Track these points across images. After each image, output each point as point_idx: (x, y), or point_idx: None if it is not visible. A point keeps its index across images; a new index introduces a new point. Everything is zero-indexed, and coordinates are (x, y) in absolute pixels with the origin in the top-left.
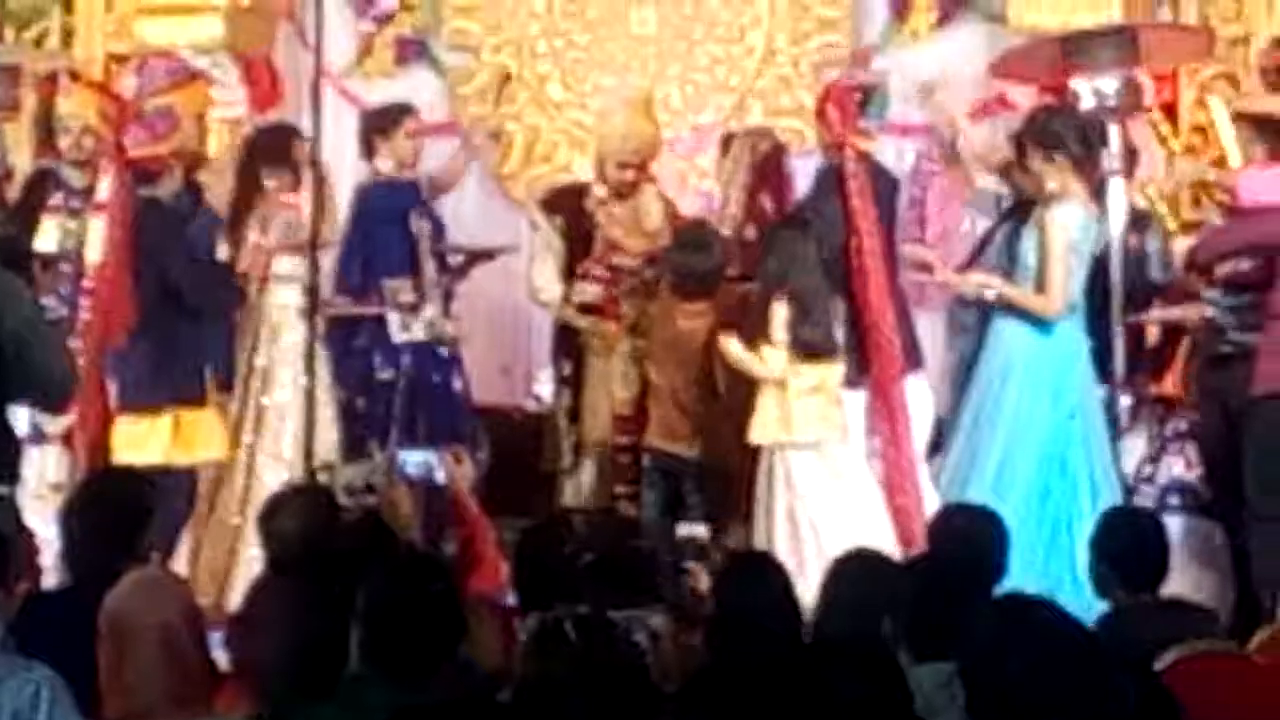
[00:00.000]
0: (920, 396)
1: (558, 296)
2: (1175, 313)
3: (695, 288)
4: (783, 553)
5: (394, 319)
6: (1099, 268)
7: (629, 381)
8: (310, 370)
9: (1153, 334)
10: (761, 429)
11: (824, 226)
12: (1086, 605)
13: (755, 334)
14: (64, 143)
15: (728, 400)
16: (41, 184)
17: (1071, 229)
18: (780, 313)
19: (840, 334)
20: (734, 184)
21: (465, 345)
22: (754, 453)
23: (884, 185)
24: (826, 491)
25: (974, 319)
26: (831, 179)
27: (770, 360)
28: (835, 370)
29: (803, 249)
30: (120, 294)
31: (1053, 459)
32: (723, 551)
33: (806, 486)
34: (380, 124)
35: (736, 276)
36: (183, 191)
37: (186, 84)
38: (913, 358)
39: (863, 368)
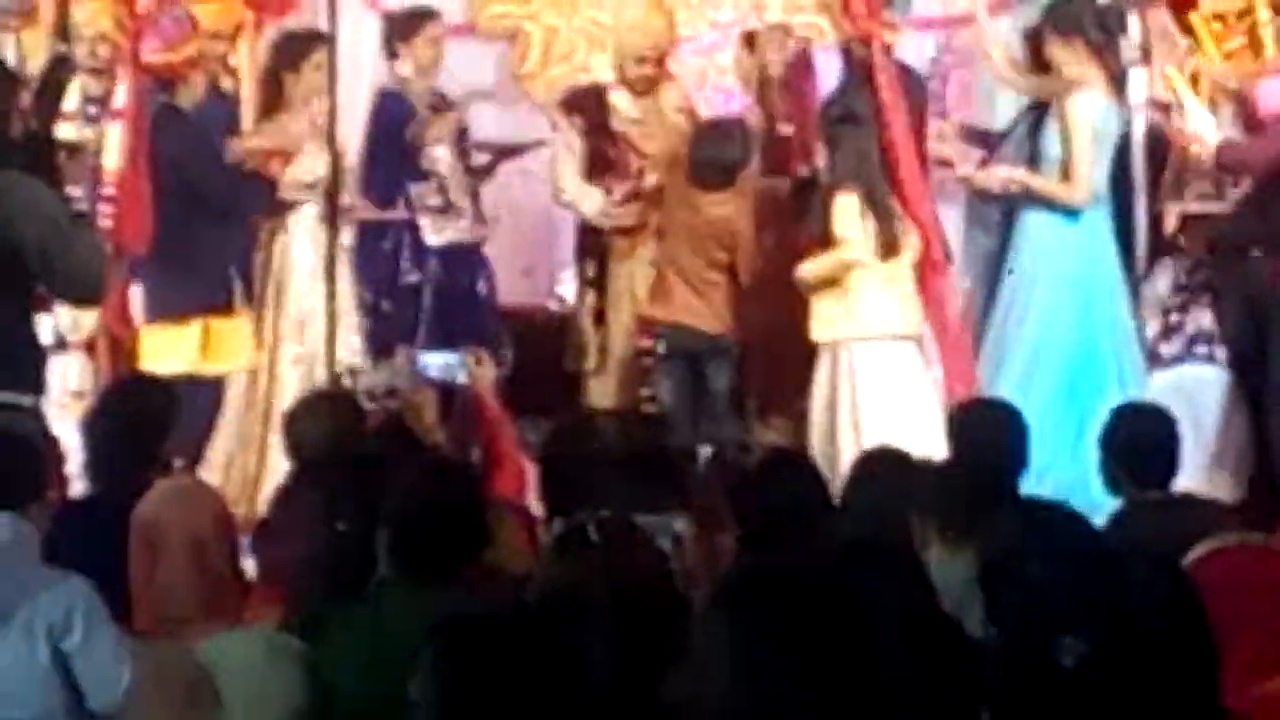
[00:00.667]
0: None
1: (585, 202)
2: (1194, 206)
3: (718, 179)
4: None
5: (425, 222)
6: (1122, 157)
7: (639, 283)
8: (331, 275)
9: (1171, 223)
10: (828, 324)
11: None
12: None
13: (825, 231)
14: (79, 50)
15: (752, 289)
16: (58, 70)
17: (1093, 116)
18: (851, 206)
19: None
20: (765, 81)
21: (489, 245)
22: (805, 348)
23: (911, 82)
24: (888, 389)
25: (997, 214)
26: (859, 73)
27: (851, 249)
28: (905, 264)
29: (867, 145)
30: (137, 202)
31: (1080, 351)
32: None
33: (865, 381)
34: (402, 28)
35: (768, 171)
36: (207, 99)
37: None
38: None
39: None
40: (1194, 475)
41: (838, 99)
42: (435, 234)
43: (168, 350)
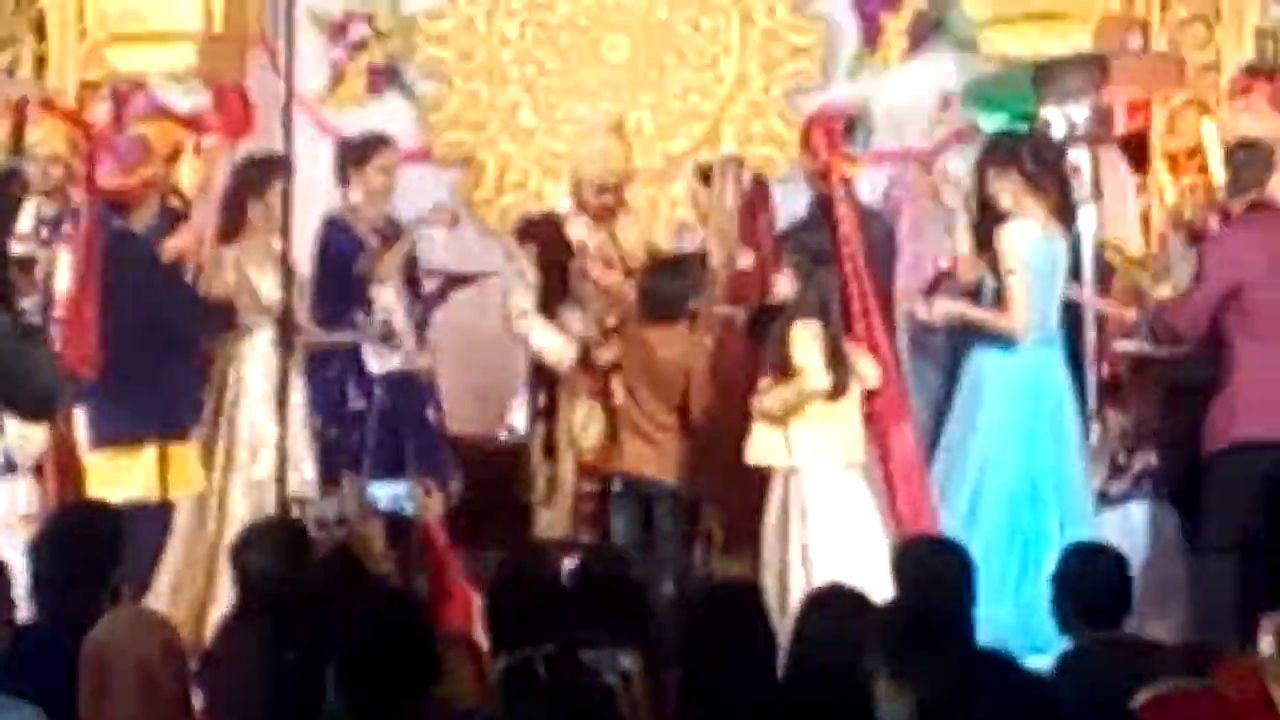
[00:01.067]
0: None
1: (548, 348)
2: (1145, 347)
3: (668, 312)
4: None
5: (369, 350)
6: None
7: (593, 424)
8: (283, 401)
9: (1121, 364)
10: (766, 450)
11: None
12: (1057, 636)
13: (784, 360)
14: (32, 171)
15: (705, 427)
16: (6, 185)
17: (1024, 246)
18: (813, 336)
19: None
20: (721, 212)
21: (438, 373)
22: (757, 480)
23: (871, 218)
24: (829, 519)
25: (942, 344)
26: (819, 209)
27: (812, 378)
28: (850, 402)
29: (831, 281)
30: (86, 328)
31: (1023, 486)
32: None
33: (817, 513)
34: (354, 155)
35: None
36: (159, 222)
37: (157, 118)
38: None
39: None
40: (1138, 611)
41: (799, 232)
42: (379, 363)
43: (118, 476)
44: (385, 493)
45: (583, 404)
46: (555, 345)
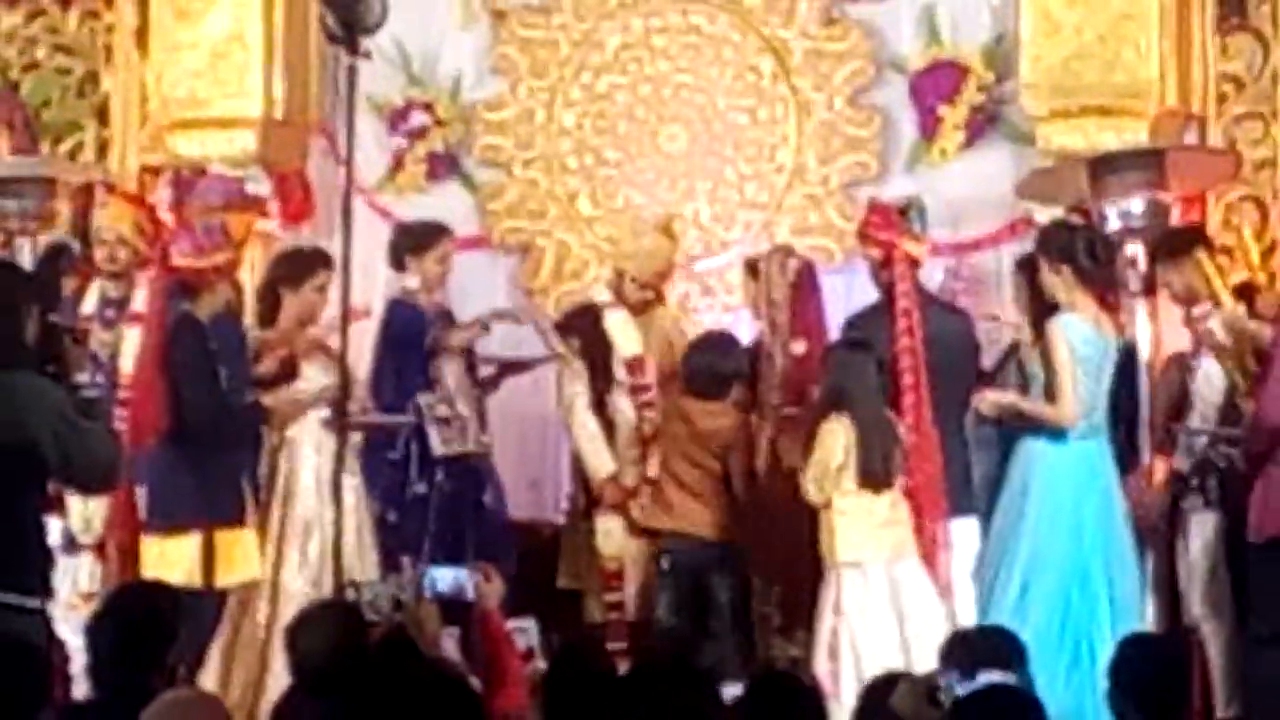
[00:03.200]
0: (965, 538)
1: (597, 463)
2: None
3: (714, 389)
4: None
5: (433, 433)
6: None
7: (613, 535)
8: (337, 485)
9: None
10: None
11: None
12: None
13: (807, 452)
14: (99, 254)
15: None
16: (56, 259)
17: (1074, 338)
18: (836, 434)
19: (899, 458)
20: (770, 302)
21: (495, 458)
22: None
23: (948, 318)
24: (870, 612)
25: (994, 436)
26: (882, 296)
27: (816, 472)
28: (884, 500)
29: (864, 369)
30: (151, 403)
31: (1073, 578)
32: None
33: (850, 606)
34: (412, 242)
35: (787, 391)
36: (224, 311)
37: (237, 208)
38: (961, 498)
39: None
40: None
41: (856, 323)
42: (442, 445)
43: (166, 561)
44: (446, 576)
45: (604, 515)
46: (593, 456)
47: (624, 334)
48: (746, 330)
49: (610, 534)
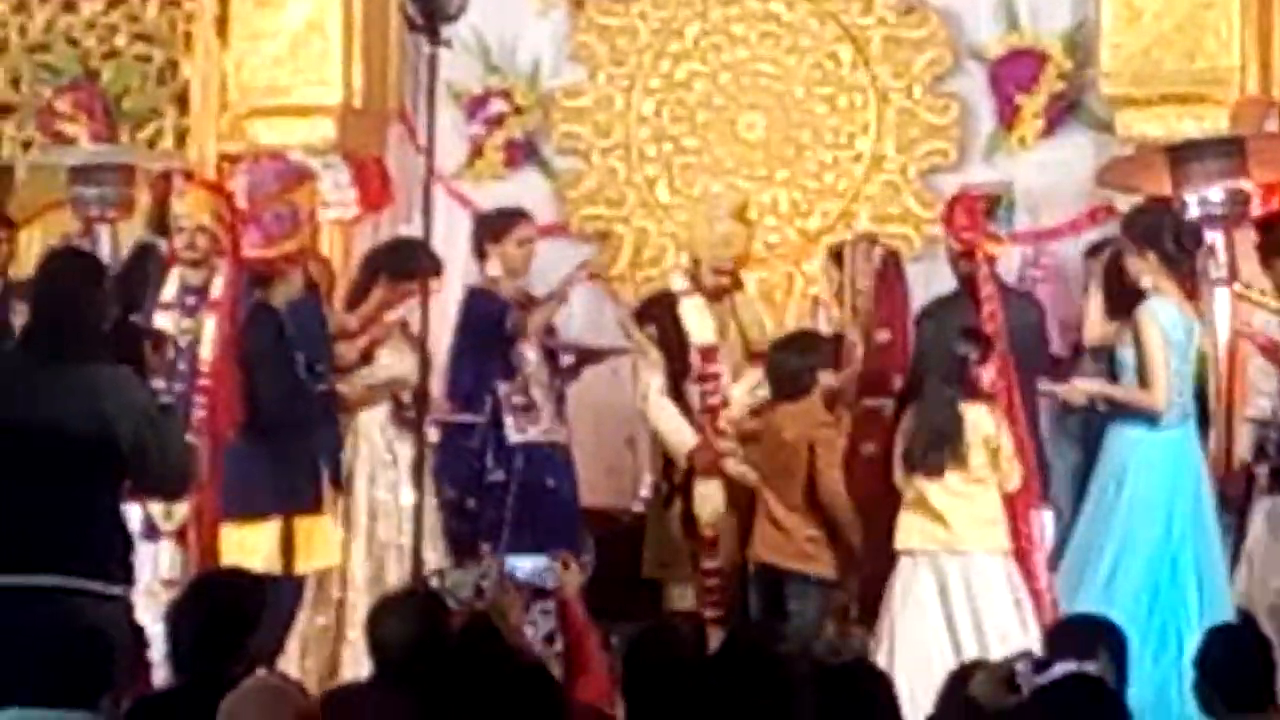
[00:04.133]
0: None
1: (677, 439)
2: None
3: (793, 389)
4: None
5: (509, 421)
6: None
7: (710, 499)
8: (419, 473)
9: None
10: (908, 534)
11: (943, 334)
12: (1193, 713)
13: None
14: (179, 242)
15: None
16: (143, 259)
17: (1164, 322)
18: (907, 417)
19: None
20: (855, 291)
21: (573, 446)
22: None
23: (1022, 307)
24: (913, 601)
25: (1079, 426)
26: (963, 289)
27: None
28: (935, 487)
29: (938, 350)
30: (230, 391)
31: (1162, 565)
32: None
33: (897, 593)
34: (492, 229)
35: (870, 382)
36: (301, 296)
37: (295, 186)
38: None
39: None
40: None
41: (932, 311)
42: (519, 433)
43: (244, 548)
44: (525, 565)
45: (701, 481)
46: (674, 432)
47: (698, 322)
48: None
49: (709, 498)
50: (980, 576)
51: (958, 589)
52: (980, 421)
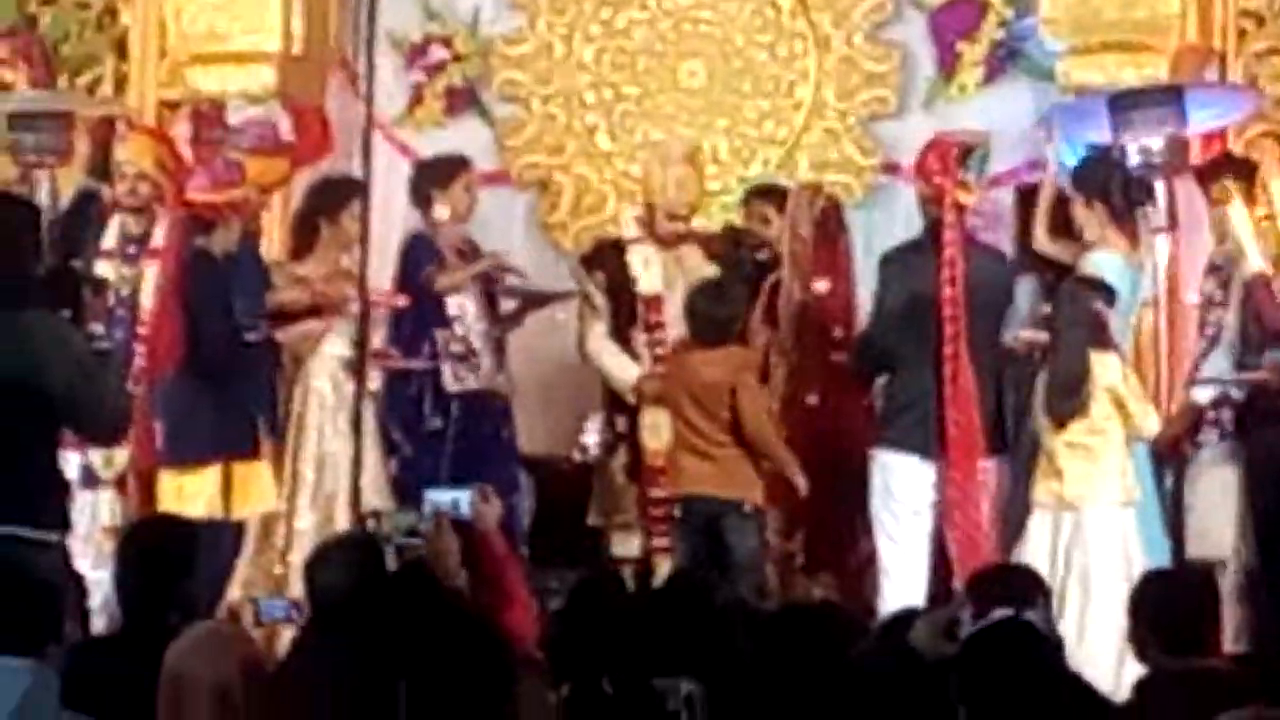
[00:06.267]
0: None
1: (619, 373)
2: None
3: (713, 335)
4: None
5: (446, 369)
6: None
7: (662, 427)
8: (358, 419)
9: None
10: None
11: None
12: None
13: None
14: (120, 189)
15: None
16: (85, 205)
17: (1109, 274)
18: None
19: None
20: (796, 239)
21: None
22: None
23: (987, 261)
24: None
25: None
26: (929, 234)
27: None
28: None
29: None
30: (170, 339)
31: None
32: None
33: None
34: (437, 175)
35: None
36: (238, 246)
37: (267, 153)
38: (993, 439)
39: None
40: None
41: (894, 258)
42: (456, 382)
43: (184, 495)
44: (444, 499)
45: (649, 410)
46: (619, 368)
47: (646, 271)
48: None
49: (657, 427)
50: (1093, 529)
51: (1071, 542)
52: (1105, 371)
